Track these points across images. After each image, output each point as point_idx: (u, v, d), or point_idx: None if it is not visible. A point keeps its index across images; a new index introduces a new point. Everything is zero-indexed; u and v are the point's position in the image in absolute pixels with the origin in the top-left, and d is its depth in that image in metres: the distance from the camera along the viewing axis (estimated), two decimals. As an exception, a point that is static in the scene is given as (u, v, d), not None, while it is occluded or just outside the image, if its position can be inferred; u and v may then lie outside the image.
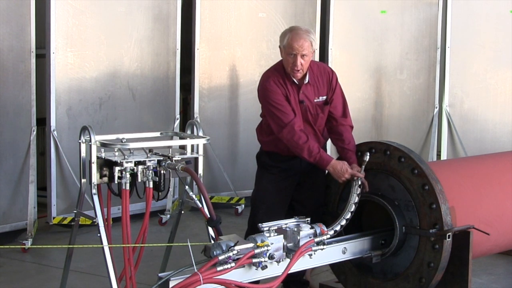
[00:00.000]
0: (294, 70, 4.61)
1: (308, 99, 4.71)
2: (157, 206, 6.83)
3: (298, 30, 4.62)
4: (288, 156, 4.77)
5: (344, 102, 4.87)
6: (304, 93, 4.70)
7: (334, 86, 4.78)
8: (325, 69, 4.83)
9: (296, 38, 4.57)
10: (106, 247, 4.13)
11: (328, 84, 4.77)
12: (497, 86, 7.99)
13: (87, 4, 6.69)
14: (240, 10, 7.58)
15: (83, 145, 4.29)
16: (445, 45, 8.05)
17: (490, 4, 7.91)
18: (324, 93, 4.76)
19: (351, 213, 4.47)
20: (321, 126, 4.82)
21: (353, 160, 4.72)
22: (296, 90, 4.69)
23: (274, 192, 4.81)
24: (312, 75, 4.72)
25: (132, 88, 7.08)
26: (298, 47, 4.56)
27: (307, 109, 4.71)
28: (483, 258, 5.63)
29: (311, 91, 4.72)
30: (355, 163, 4.70)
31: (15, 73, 6.31)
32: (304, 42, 4.56)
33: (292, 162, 4.80)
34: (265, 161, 4.87)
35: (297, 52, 4.56)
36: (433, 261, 4.38)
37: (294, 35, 4.59)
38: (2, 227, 6.28)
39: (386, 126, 8.29)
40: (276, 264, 4.02)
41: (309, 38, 4.59)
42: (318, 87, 4.74)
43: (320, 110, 4.76)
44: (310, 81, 4.71)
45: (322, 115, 4.78)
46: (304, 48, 4.56)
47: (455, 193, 4.56)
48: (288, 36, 4.61)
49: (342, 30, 8.04)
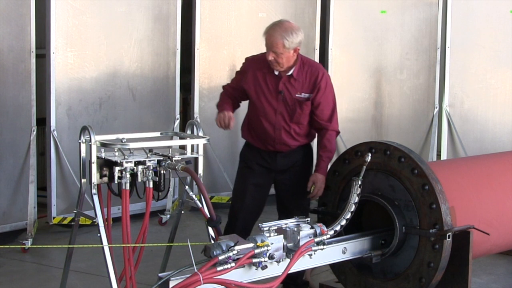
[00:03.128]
0: (273, 65, 4.72)
1: (288, 91, 4.77)
2: (157, 206, 6.83)
3: (277, 28, 4.68)
4: (265, 150, 4.86)
5: (333, 107, 4.87)
6: (285, 85, 4.77)
7: (320, 87, 4.78)
8: (316, 69, 4.84)
9: (269, 35, 4.68)
10: (106, 247, 4.13)
11: (313, 84, 4.79)
12: (497, 86, 7.99)
13: (87, 4, 6.69)
14: (240, 10, 7.58)
15: (83, 145, 4.29)
16: (445, 45, 8.05)
17: (490, 4, 7.91)
18: (307, 91, 4.79)
19: (351, 213, 4.47)
20: (298, 123, 4.83)
21: (319, 167, 4.79)
22: (276, 80, 4.77)
23: (252, 189, 4.88)
24: (300, 71, 4.77)
25: (132, 88, 7.08)
26: (269, 43, 4.67)
27: (285, 100, 4.77)
28: (483, 258, 5.63)
29: (293, 85, 4.77)
30: (322, 172, 4.78)
31: (15, 73, 6.31)
32: (275, 40, 4.64)
33: (268, 158, 4.87)
34: (246, 154, 4.93)
35: (268, 47, 4.67)
36: (433, 261, 4.38)
37: (270, 30, 4.69)
38: (2, 227, 6.28)
39: (386, 126, 8.30)
40: (276, 264, 4.02)
41: (282, 38, 4.63)
42: (303, 83, 4.78)
43: (298, 106, 4.79)
44: (295, 75, 4.77)
45: (300, 111, 4.80)
46: (274, 46, 4.64)
47: (455, 193, 4.56)
48: (267, 30, 4.72)
49: (342, 30, 8.04)
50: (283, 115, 4.79)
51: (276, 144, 4.83)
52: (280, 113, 4.79)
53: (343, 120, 8.08)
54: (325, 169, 4.83)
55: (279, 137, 4.81)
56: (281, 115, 4.79)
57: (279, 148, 4.85)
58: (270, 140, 4.83)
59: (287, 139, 4.82)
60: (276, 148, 4.84)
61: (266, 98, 4.78)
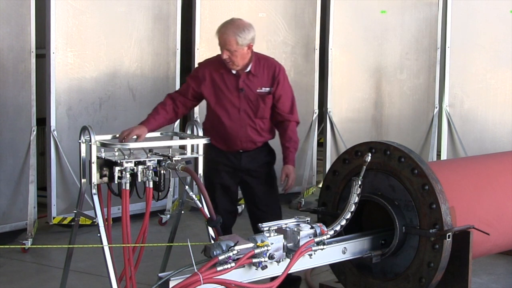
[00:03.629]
0: (229, 64, 4.78)
1: (249, 88, 4.84)
2: (157, 206, 6.83)
3: (228, 26, 4.76)
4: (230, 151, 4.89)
5: (292, 99, 5.00)
6: (244, 82, 4.83)
7: (279, 80, 4.89)
8: (273, 63, 4.96)
9: (222, 33, 4.74)
10: (106, 247, 4.13)
11: (272, 77, 4.88)
12: (497, 86, 7.99)
13: (87, 4, 6.69)
14: (240, 10, 7.58)
15: (83, 145, 4.29)
16: (445, 45, 8.06)
17: (490, 4, 7.91)
18: (267, 85, 4.88)
19: (351, 213, 4.46)
20: (263, 118, 4.90)
21: (288, 159, 4.91)
22: (235, 79, 4.82)
23: (220, 188, 4.90)
24: (257, 66, 4.85)
25: (132, 88, 7.08)
26: (222, 41, 4.73)
27: (247, 97, 4.83)
28: (483, 258, 5.63)
29: (253, 81, 4.85)
30: (292, 163, 4.90)
31: (15, 73, 6.31)
32: (228, 38, 4.71)
33: (233, 159, 4.90)
34: (211, 156, 4.88)
35: (222, 46, 4.74)
36: (433, 261, 4.37)
37: (222, 29, 4.76)
38: (2, 227, 6.28)
39: (386, 126, 8.30)
40: (276, 264, 4.02)
41: (235, 35, 4.70)
42: (262, 78, 4.86)
43: (261, 100, 4.86)
44: (252, 71, 4.84)
45: (264, 105, 4.88)
46: (227, 44, 4.72)
47: (455, 193, 4.56)
48: (219, 29, 4.78)
49: (342, 30, 8.04)
50: (247, 112, 4.85)
51: (243, 143, 4.89)
52: (243, 110, 4.85)
53: (343, 120, 8.12)
54: (294, 160, 4.96)
55: (245, 134, 4.86)
56: (245, 112, 4.85)
57: (245, 146, 4.90)
58: (236, 139, 4.87)
59: (253, 135, 4.88)
60: (243, 146, 4.89)
61: (227, 98, 4.83)
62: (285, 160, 4.94)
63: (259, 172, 4.96)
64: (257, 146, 4.94)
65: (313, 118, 8.11)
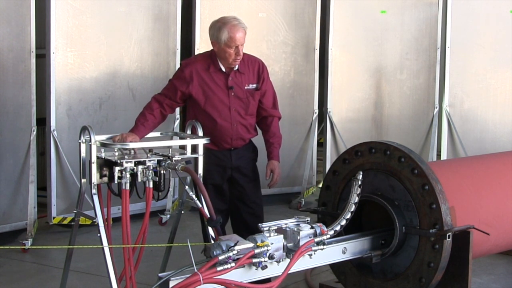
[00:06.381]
0: (237, 60, 4.76)
1: (238, 85, 4.84)
2: (157, 206, 6.84)
3: (234, 21, 4.74)
4: (220, 150, 4.86)
5: (274, 94, 5.03)
6: (233, 80, 4.83)
7: (264, 76, 4.92)
8: (255, 60, 4.97)
9: (236, 30, 4.70)
10: (106, 247, 4.13)
11: (257, 73, 4.91)
12: (497, 86, 7.99)
13: (87, 4, 6.70)
14: (240, 10, 7.58)
15: (83, 145, 4.29)
16: (445, 45, 8.06)
17: (490, 4, 7.91)
18: (254, 81, 4.90)
19: (351, 213, 4.47)
20: (252, 114, 4.92)
21: (273, 155, 4.96)
22: (224, 77, 4.81)
23: (212, 188, 4.83)
24: (242, 64, 4.85)
25: (132, 88, 7.09)
26: (240, 38, 4.70)
27: (237, 95, 4.83)
28: (483, 258, 5.63)
29: (241, 78, 4.85)
30: (276, 158, 4.95)
31: (15, 73, 6.31)
32: (242, 32, 4.72)
33: (223, 157, 4.87)
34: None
35: (240, 43, 4.71)
36: (433, 261, 4.37)
37: (232, 27, 4.71)
38: (2, 227, 6.28)
39: (386, 126, 8.30)
40: (276, 264, 4.02)
41: (244, 26, 4.74)
42: (248, 75, 4.88)
43: (251, 96, 4.88)
44: (240, 69, 4.85)
45: (254, 102, 4.89)
46: (243, 38, 4.72)
47: (455, 193, 4.56)
48: (227, 30, 4.71)
49: (342, 30, 8.04)
50: (237, 110, 4.85)
51: (233, 141, 4.87)
52: (234, 108, 4.84)
53: (343, 120, 8.12)
54: (278, 156, 4.98)
55: (236, 132, 4.85)
56: (236, 110, 4.84)
57: (235, 144, 4.88)
58: (227, 137, 4.84)
59: (243, 133, 4.88)
60: (233, 144, 4.88)
61: (218, 97, 4.81)
62: (270, 155, 4.96)
63: (247, 169, 4.96)
64: (245, 143, 4.94)
65: (313, 118, 8.11)
